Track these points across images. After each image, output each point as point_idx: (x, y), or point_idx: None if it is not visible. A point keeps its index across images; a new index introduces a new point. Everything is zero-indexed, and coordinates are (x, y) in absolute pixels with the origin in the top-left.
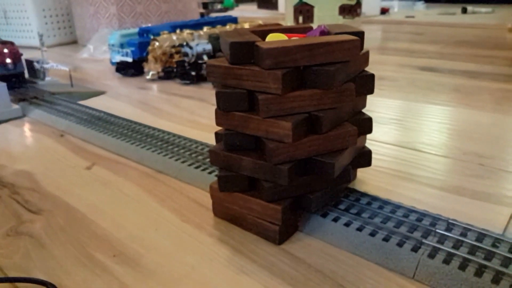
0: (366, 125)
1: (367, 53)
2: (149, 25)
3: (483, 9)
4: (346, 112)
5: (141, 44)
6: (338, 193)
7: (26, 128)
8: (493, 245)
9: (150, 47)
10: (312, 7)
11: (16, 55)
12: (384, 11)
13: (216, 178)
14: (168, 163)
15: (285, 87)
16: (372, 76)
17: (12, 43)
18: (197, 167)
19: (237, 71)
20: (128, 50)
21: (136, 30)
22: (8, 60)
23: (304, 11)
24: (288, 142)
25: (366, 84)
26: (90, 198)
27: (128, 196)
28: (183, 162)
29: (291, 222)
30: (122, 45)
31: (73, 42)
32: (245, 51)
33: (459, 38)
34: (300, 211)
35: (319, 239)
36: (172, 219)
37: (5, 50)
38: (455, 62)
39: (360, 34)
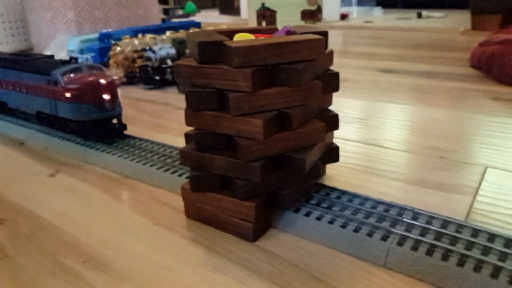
0: (333, 121)
1: (331, 52)
2: (110, 30)
3: (436, 14)
4: (314, 109)
5: (101, 49)
6: (309, 189)
7: None
8: (457, 231)
9: (111, 52)
10: (274, 12)
11: (113, 87)
12: (343, 16)
13: (186, 180)
14: (136, 168)
15: (255, 85)
16: (337, 74)
17: (101, 68)
18: (166, 170)
19: (206, 70)
20: (89, 55)
21: (96, 35)
22: (106, 97)
23: (267, 16)
24: (259, 139)
25: (332, 82)
26: (56, 206)
27: (96, 202)
28: (151, 166)
29: (265, 219)
30: (82, 51)
31: (29, 49)
32: (213, 50)
33: (415, 41)
34: (272, 207)
35: (292, 234)
36: (143, 223)
37: (102, 81)
38: (413, 63)
39: (324, 34)
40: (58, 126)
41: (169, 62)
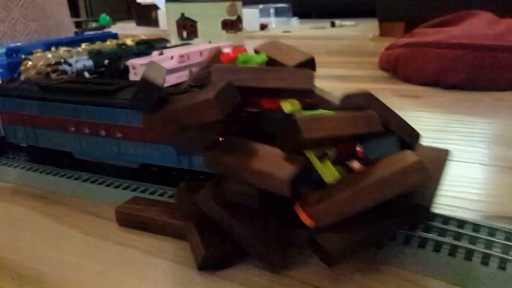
0: None
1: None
2: (18, 44)
3: (348, 22)
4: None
5: (10, 64)
6: None
7: None
8: None
9: (22, 67)
10: (195, 22)
11: None
12: (263, 27)
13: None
14: (60, 182)
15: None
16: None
17: None
18: (93, 182)
19: None
20: None
21: (2, 50)
22: None
23: (187, 26)
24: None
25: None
26: None
27: (20, 220)
28: (76, 179)
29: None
30: None
31: None
32: None
33: (330, 49)
34: None
35: None
36: (74, 235)
37: None
38: (329, 68)
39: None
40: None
41: (86, 74)
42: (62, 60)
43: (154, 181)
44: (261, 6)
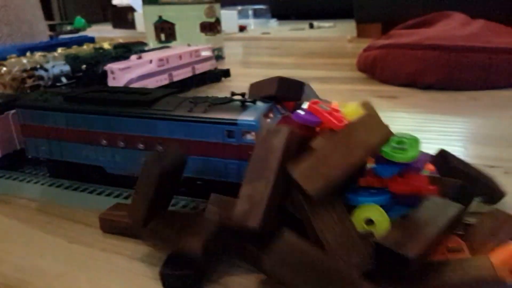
0: None
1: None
2: None
3: (326, 24)
4: None
5: None
6: None
7: None
8: None
9: None
10: (173, 24)
11: None
12: (242, 28)
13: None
14: (43, 190)
15: None
16: None
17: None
18: (75, 189)
19: None
20: None
21: None
22: None
23: (165, 29)
24: None
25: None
26: None
27: (1, 229)
28: (58, 186)
29: None
30: None
31: None
32: None
33: (309, 50)
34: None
35: None
36: (58, 243)
37: None
38: (308, 70)
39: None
40: None
41: (63, 80)
42: (38, 66)
43: (198, 196)
44: (239, 7)
